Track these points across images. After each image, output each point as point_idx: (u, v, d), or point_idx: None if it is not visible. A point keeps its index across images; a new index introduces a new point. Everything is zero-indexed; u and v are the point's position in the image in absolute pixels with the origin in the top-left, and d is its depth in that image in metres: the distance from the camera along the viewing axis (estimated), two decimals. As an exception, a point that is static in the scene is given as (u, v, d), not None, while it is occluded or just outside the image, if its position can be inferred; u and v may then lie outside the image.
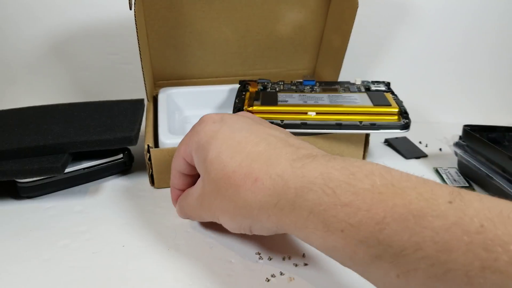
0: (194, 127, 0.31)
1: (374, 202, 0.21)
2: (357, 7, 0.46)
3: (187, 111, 0.53)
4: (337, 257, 0.23)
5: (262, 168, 0.25)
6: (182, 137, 0.42)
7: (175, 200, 0.35)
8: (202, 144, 0.28)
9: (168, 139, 0.41)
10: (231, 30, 0.53)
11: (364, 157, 0.48)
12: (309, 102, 0.45)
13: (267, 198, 0.25)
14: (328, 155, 0.25)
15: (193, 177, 0.33)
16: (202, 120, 0.31)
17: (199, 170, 0.30)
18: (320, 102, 0.45)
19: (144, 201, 0.41)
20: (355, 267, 0.23)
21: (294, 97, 0.46)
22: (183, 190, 0.34)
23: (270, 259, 0.32)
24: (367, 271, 0.22)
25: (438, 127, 0.61)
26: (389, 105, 0.44)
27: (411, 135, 0.54)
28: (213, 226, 0.37)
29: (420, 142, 0.55)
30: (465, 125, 0.46)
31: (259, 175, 0.25)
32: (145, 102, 0.49)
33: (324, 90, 0.48)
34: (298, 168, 0.24)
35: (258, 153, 0.26)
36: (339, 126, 0.43)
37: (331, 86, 0.50)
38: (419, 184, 0.21)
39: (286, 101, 0.45)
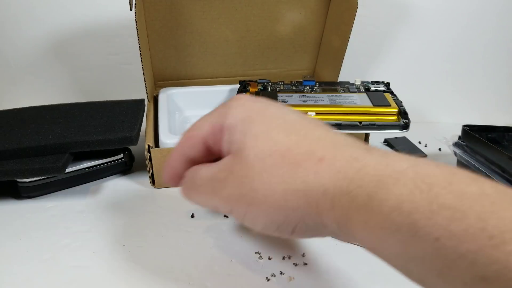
0: (225, 105, 0.25)
1: (487, 210, 0.16)
2: (357, 8, 0.46)
3: (187, 111, 0.53)
4: (417, 271, 0.18)
5: (328, 149, 0.21)
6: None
7: (172, 182, 0.27)
8: (243, 118, 0.23)
9: (169, 139, 0.41)
10: (231, 30, 0.54)
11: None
12: (309, 102, 0.45)
13: (336, 182, 0.20)
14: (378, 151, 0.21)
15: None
16: (235, 98, 0.25)
17: (232, 144, 0.23)
18: (320, 102, 0.45)
19: (145, 201, 0.41)
20: (443, 286, 0.17)
21: (294, 97, 0.46)
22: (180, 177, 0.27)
23: (270, 259, 0.33)
24: None
25: (438, 127, 0.61)
26: (388, 105, 0.44)
27: (410, 135, 0.54)
28: (213, 226, 0.37)
29: (419, 142, 0.55)
30: (465, 125, 0.46)
31: (325, 154, 0.20)
32: (146, 102, 0.49)
33: (324, 90, 0.49)
34: (379, 156, 0.20)
35: (319, 136, 0.22)
36: (338, 126, 0.43)
37: (331, 86, 0.50)
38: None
39: (286, 101, 0.45)
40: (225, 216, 0.38)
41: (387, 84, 0.51)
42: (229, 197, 0.23)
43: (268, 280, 0.31)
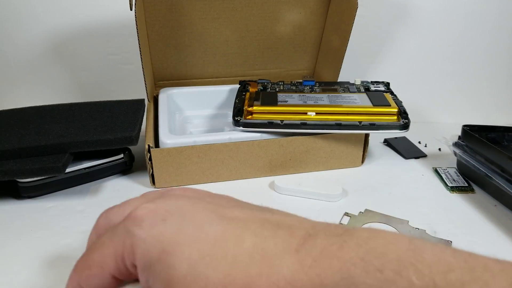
0: (126, 229, 0.21)
1: None
2: (357, 8, 0.46)
3: (187, 111, 0.53)
4: None
5: (263, 273, 0.18)
6: (183, 137, 0.43)
7: None
8: (157, 256, 0.19)
9: (169, 139, 0.41)
10: (231, 30, 0.54)
11: (363, 157, 0.48)
12: (309, 102, 0.45)
13: None
14: (330, 229, 0.20)
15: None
16: (137, 217, 0.21)
17: None
18: (319, 102, 0.45)
19: (145, 201, 0.41)
20: None
21: (294, 97, 0.46)
22: None
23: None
24: None
25: (437, 127, 0.61)
26: (388, 105, 0.44)
27: (410, 135, 0.54)
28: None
29: (419, 142, 0.55)
30: (464, 125, 0.46)
31: (262, 284, 0.18)
32: (146, 102, 0.49)
33: (323, 90, 0.49)
34: (310, 268, 0.18)
35: (248, 253, 0.19)
36: (338, 126, 0.43)
37: (331, 86, 0.50)
38: (465, 275, 0.16)
39: (286, 101, 0.45)
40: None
41: (387, 84, 0.51)
42: None
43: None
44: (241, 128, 0.43)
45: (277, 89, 0.49)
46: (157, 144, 0.42)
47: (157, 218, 0.21)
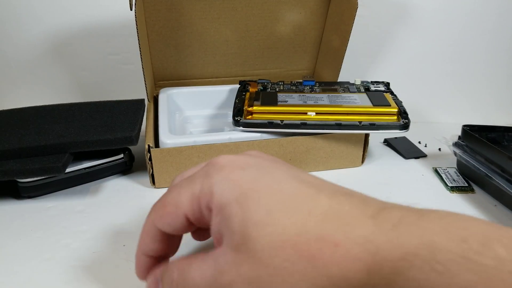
0: (207, 173, 0.21)
1: (508, 285, 0.15)
2: (357, 8, 0.46)
3: (187, 111, 0.53)
4: None
5: (339, 229, 0.18)
6: (183, 137, 0.43)
7: (145, 273, 0.25)
8: (235, 199, 0.19)
9: (169, 139, 0.41)
10: (231, 30, 0.54)
11: (363, 157, 0.48)
12: (309, 102, 0.45)
13: (357, 274, 0.18)
14: (405, 206, 0.20)
15: (179, 239, 0.25)
16: (218, 163, 0.21)
17: (228, 235, 0.20)
18: (319, 102, 0.45)
19: (145, 201, 0.41)
20: None
21: (294, 97, 0.46)
22: (156, 259, 0.24)
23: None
24: None
25: (437, 127, 0.61)
26: (388, 105, 0.44)
27: (410, 135, 0.54)
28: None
29: (419, 142, 0.55)
30: (464, 125, 0.46)
31: (339, 238, 0.18)
32: (146, 102, 0.49)
33: (323, 90, 0.49)
34: (390, 230, 0.18)
35: (324, 210, 0.19)
36: (338, 126, 0.43)
37: (331, 86, 0.50)
38: None
39: (286, 101, 0.45)
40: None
41: (387, 84, 0.51)
42: None
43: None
44: (241, 128, 0.43)
45: (277, 89, 0.49)
46: (157, 144, 0.42)
47: (236, 166, 0.21)
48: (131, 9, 0.40)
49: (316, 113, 0.43)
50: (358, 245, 0.18)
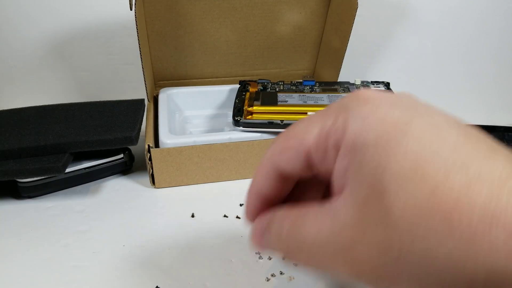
0: (344, 105, 0.17)
1: None
2: (357, 8, 0.46)
3: (187, 111, 0.53)
4: None
5: (508, 203, 0.13)
6: (183, 137, 0.43)
7: (254, 214, 0.21)
8: (373, 140, 0.15)
9: (169, 139, 0.41)
10: (231, 30, 0.54)
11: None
12: (309, 102, 0.45)
13: None
14: None
15: (292, 183, 0.20)
16: (361, 96, 0.17)
17: (355, 183, 0.16)
18: (320, 102, 0.45)
19: (145, 201, 0.41)
20: None
21: (294, 97, 0.46)
22: (269, 203, 0.20)
23: (270, 259, 0.33)
24: None
25: (438, 127, 0.61)
26: (388, 105, 0.44)
27: (410, 135, 0.54)
28: (213, 226, 0.37)
29: (419, 142, 0.55)
30: (465, 125, 0.46)
31: (505, 217, 0.13)
32: (146, 102, 0.49)
33: (323, 91, 0.49)
34: None
35: (497, 176, 0.14)
36: (338, 126, 0.43)
37: (331, 86, 0.50)
38: None
39: (286, 101, 0.45)
40: (224, 216, 0.38)
41: (387, 84, 0.51)
42: (363, 271, 0.15)
43: (268, 280, 0.31)
44: (241, 128, 0.43)
45: (277, 89, 0.49)
46: (157, 144, 0.42)
47: (385, 101, 0.16)
48: (131, 9, 0.40)
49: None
50: None
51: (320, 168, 0.18)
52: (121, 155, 0.44)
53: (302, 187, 0.21)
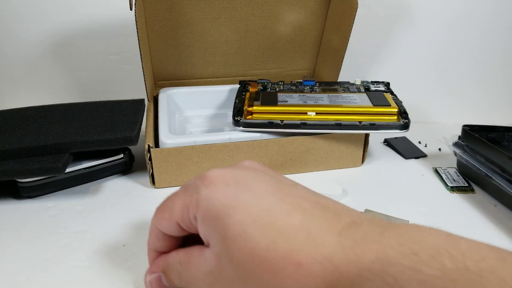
0: (196, 186, 0.24)
1: None
2: (357, 8, 0.46)
3: (187, 111, 0.53)
4: None
5: (304, 248, 0.20)
6: (183, 137, 0.43)
7: (153, 261, 0.28)
8: (216, 214, 0.22)
9: (169, 139, 0.41)
10: (231, 30, 0.54)
11: (363, 157, 0.48)
12: (309, 102, 0.45)
13: None
14: (375, 220, 0.21)
15: (180, 239, 0.27)
16: (207, 178, 0.24)
17: (212, 243, 0.23)
18: (320, 102, 0.45)
19: (145, 201, 0.41)
20: None
21: (294, 97, 0.46)
22: (162, 253, 0.27)
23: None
24: None
25: (438, 127, 0.61)
26: (388, 105, 0.44)
27: (410, 135, 0.54)
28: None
29: (419, 142, 0.55)
30: (464, 125, 0.46)
31: (302, 258, 0.20)
32: (146, 102, 0.49)
33: (323, 90, 0.49)
34: (349, 248, 0.19)
35: (295, 227, 0.21)
36: (338, 126, 0.43)
37: (331, 86, 0.50)
38: (497, 264, 0.17)
39: (286, 101, 0.45)
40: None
41: (387, 84, 0.51)
42: None
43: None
44: (241, 128, 0.43)
45: (277, 89, 0.49)
46: (157, 144, 0.42)
47: (222, 182, 0.23)
48: (131, 9, 0.40)
49: (316, 113, 0.43)
50: (319, 263, 0.19)
51: (190, 231, 0.25)
52: (121, 155, 0.44)
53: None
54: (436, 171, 0.48)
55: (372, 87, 0.50)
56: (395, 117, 0.44)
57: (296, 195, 0.23)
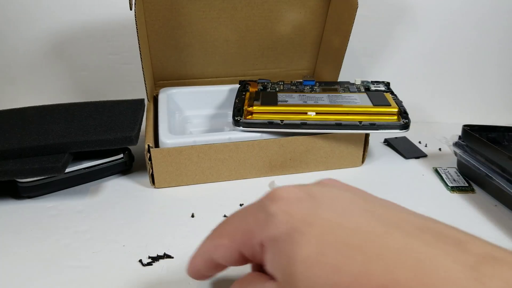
0: (263, 205, 0.20)
1: None
2: (357, 7, 0.46)
3: (187, 111, 0.53)
4: None
5: (410, 276, 0.14)
6: (183, 137, 0.43)
7: (195, 276, 0.24)
8: (286, 234, 0.18)
9: (169, 139, 0.41)
10: (231, 30, 0.54)
11: (363, 157, 0.48)
12: (309, 102, 0.45)
13: None
14: (500, 248, 0.16)
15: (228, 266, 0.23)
16: (275, 195, 0.20)
17: (277, 273, 0.18)
18: (320, 102, 0.45)
19: (144, 201, 0.41)
20: None
21: (294, 97, 0.46)
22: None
23: (270, 259, 0.33)
24: None
25: (438, 127, 0.61)
26: (388, 105, 0.44)
27: (410, 135, 0.54)
28: (213, 226, 0.37)
29: (419, 142, 0.55)
30: (465, 125, 0.46)
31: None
32: (146, 102, 0.49)
33: (324, 90, 0.49)
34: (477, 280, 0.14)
35: (394, 257, 0.15)
36: (339, 126, 0.43)
37: (331, 86, 0.50)
38: None
39: (286, 101, 0.45)
40: (224, 216, 0.38)
41: (387, 84, 0.51)
42: None
43: (268, 280, 0.30)
44: (241, 128, 0.43)
45: (277, 89, 0.49)
46: (157, 144, 0.42)
47: (294, 197, 0.19)
48: (130, 9, 0.40)
49: (316, 113, 0.43)
50: None
51: (255, 261, 0.20)
52: (121, 155, 0.44)
53: None
54: (436, 171, 0.48)
55: (372, 87, 0.50)
56: (395, 117, 0.44)
57: (393, 217, 0.18)
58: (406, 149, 0.53)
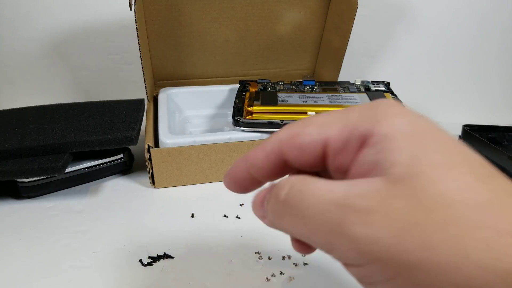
0: (372, 107, 0.17)
1: None
2: (357, 7, 0.46)
3: (187, 111, 0.53)
4: None
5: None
6: (182, 137, 0.43)
7: (234, 184, 0.21)
8: (409, 134, 0.15)
9: (168, 139, 0.41)
10: (231, 30, 0.54)
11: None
12: (309, 102, 0.45)
13: None
14: None
15: (284, 173, 0.20)
16: (387, 103, 0.17)
17: (375, 167, 0.15)
18: (320, 102, 0.45)
19: (144, 201, 0.41)
20: None
21: (294, 97, 0.46)
22: (256, 182, 0.20)
23: (270, 259, 0.33)
24: None
25: (438, 127, 0.61)
26: (388, 105, 0.44)
27: (410, 135, 0.54)
28: (213, 226, 0.37)
29: (419, 142, 0.55)
30: (465, 125, 0.46)
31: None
32: (146, 102, 0.49)
33: (324, 90, 0.49)
34: None
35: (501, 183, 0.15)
36: (338, 126, 0.43)
37: (331, 86, 0.50)
38: None
39: (286, 101, 0.45)
40: (224, 216, 0.38)
41: (387, 84, 0.51)
42: (375, 244, 0.14)
43: (268, 280, 0.31)
44: (241, 128, 0.43)
45: (277, 89, 0.49)
46: (157, 144, 0.42)
47: (409, 111, 0.17)
48: (130, 9, 0.40)
49: (316, 113, 0.43)
50: None
51: (334, 161, 0.17)
52: (121, 155, 0.44)
53: None
54: (436, 171, 0.48)
55: (372, 87, 0.50)
56: (395, 117, 0.44)
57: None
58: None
